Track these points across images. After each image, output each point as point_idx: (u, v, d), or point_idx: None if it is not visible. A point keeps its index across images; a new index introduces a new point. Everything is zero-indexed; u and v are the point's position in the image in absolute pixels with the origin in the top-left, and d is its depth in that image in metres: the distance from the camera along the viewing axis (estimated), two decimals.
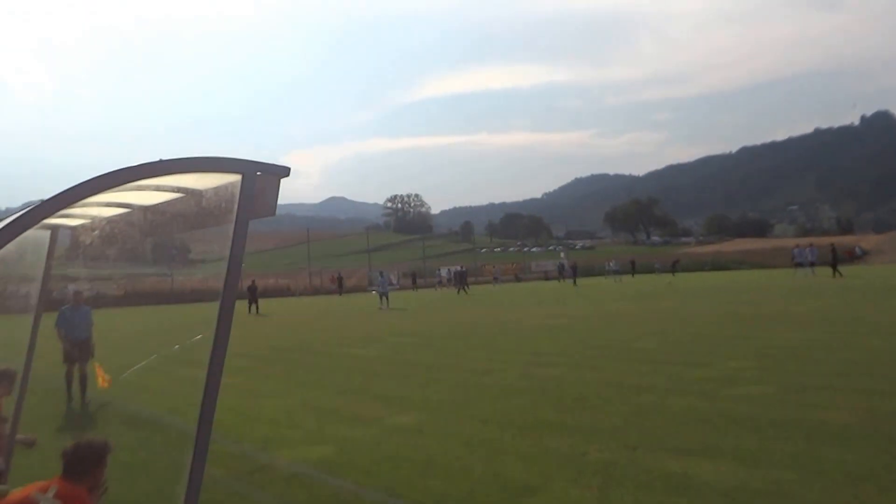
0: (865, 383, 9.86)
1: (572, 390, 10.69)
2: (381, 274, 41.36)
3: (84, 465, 3.65)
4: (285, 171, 3.23)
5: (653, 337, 16.87)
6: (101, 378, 11.35)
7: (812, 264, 46.65)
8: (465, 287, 53.73)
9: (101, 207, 4.19)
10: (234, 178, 3.18)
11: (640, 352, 14.44)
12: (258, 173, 3.16)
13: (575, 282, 59.31)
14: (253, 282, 41.29)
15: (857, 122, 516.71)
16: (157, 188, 3.64)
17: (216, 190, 3.46)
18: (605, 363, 13.21)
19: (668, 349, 14.59)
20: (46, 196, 2.96)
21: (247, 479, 7.30)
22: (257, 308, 38.15)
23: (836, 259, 44.80)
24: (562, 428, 8.43)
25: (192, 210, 3.81)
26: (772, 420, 8.10)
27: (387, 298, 37.39)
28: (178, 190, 3.70)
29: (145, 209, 4.16)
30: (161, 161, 3.20)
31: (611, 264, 70.38)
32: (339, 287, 62.43)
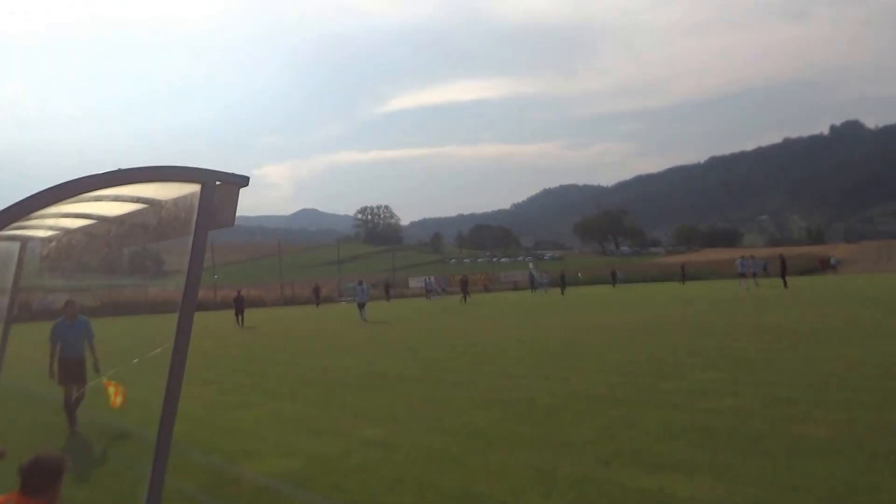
0: (844, 395, 9.79)
1: (543, 403, 10.61)
2: (360, 283, 39.21)
3: (42, 480, 3.57)
4: (244, 181, 3.11)
5: (623, 347, 16.85)
6: (114, 396, 10.80)
7: (755, 275, 47.16)
8: (467, 296, 53.35)
9: (68, 219, 4.07)
10: (194, 189, 3.05)
11: (612, 363, 14.38)
12: (217, 183, 3.04)
13: (563, 291, 58.96)
14: (239, 292, 40.34)
15: (826, 131, 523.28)
16: (116, 198, 3.50)
17: (176, 201, 3.34)
18: (576, 375, 13.13)
19: (640, 360, 14.56)
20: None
21: (215, 491, 7.21)
22: (243, 320, 36.74)
23: (784, 270, 45.60)
24: (532, 442, 8.33)
25: (152, 221, 3.69)
26: (749, 434, 8.01)
27: (364, 309, 34.85)
28: (138, 200, 3.57)
29: (110, 220, 4.04)
30: (120, 170, 3.06)
31: (542, 277, 69.69)
32: (317, 298, 62.03)
